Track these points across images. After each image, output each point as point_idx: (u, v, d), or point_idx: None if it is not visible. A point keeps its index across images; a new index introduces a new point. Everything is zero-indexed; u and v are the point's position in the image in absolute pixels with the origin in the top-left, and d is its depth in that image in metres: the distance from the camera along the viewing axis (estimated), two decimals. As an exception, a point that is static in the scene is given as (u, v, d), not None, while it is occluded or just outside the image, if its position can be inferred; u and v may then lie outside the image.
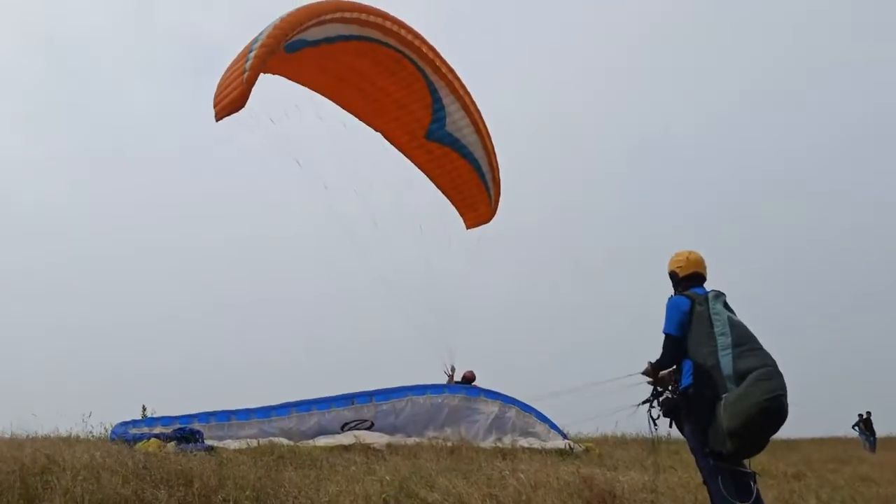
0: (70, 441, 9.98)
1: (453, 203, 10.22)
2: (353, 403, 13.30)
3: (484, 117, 9.72)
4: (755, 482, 4.81)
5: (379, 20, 9.01)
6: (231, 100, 7.65)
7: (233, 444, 10.14)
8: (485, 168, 9.67)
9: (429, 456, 9.68)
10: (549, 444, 12.49)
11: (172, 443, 9.25)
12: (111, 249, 62.74)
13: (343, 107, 9.79)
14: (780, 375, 4.64)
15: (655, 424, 5.36)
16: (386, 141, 10.02)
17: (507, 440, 12.94)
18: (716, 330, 4.88)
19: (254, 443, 10.03)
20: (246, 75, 7.36)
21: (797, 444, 21.57)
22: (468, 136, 9.40)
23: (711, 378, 4.77)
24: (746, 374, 4.60)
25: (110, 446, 8.56)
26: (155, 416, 12.14)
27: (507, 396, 14.51)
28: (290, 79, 9.50)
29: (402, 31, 9.21)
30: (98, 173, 70.56)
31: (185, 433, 9.87)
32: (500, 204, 11.00)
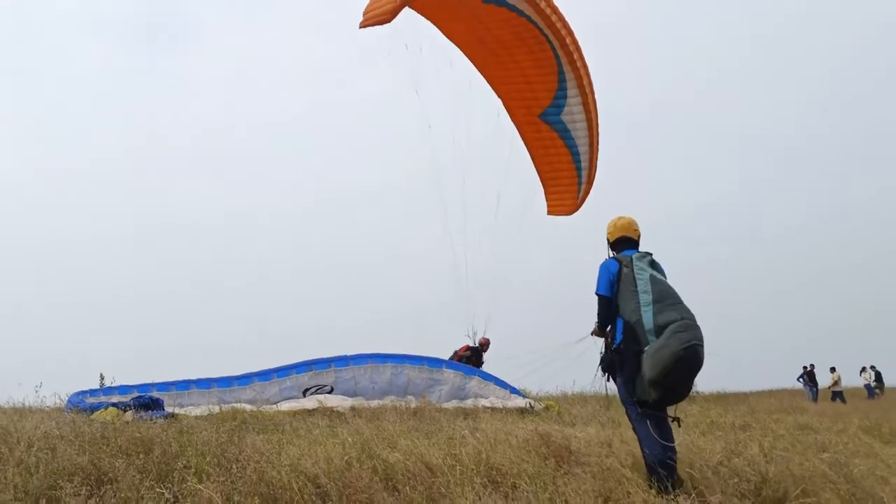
0: (22, 412, 9.77)
1: (543, 184, 10.47)
2: (311, 370, 13.34)
3: (599, 120, 9.96)
4: (680, 426, 5.21)
5: None
6: (382, 12, 7.82)
7: (194, 411, 10.08)
8: (584, 163, 9.96)
9: (392, 417, 9.81)
10: (510, 404, 12.79)
11: (131, 411, 9.12)
12: (65, 219, 60.87)
13: (475, 63, 9.85)
14: (696, 328, 4.93)
15: (608, 381, 5.61)
16: (503, 108, 10.17)
17: (468, 402, 13.19)
18: (639, 288, 5.19)
19: (216, 409, 9.99)
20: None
21: (746, 397, 22.61)
22: (579, 130, 9.71)
23: (636, 333, 5.10)
24: (665, 328, 4.89)
25: (66, 416, 8.43)
26: (113, 385, 11.97)
27: (468, 367, 14.76)
28: (434, 23, 9.61)
29: (553, 17, 9.41)
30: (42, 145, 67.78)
31: (145, 401, 9.73)
32: (585, 202, 11.02)
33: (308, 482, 4.83)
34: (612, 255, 5.77)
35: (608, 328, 5.55)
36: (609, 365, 5.47)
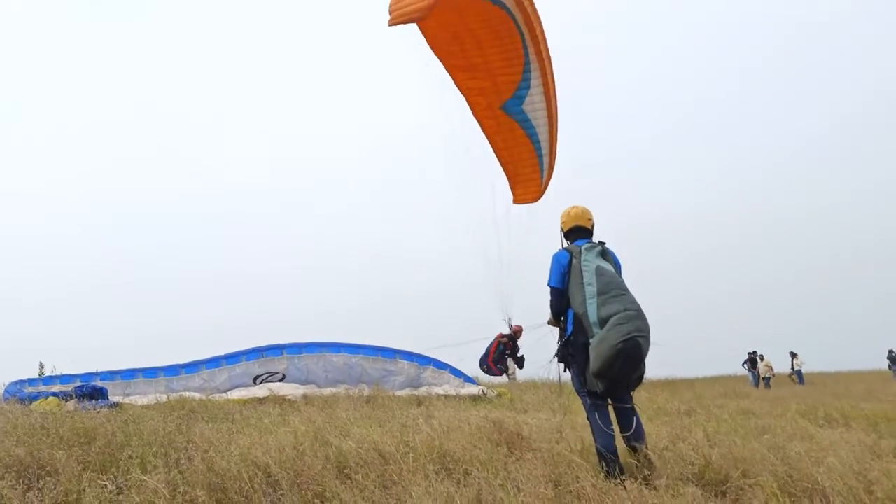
0: (-44, 403, 9.33)
1: (507, 175, 10.56)
2: (263, 357, 13.13)
3: (559, 106, 9.98)
4: (635, 414, 5.26)
5: None
6: (415, 9, 7.55)
7: (140, 401, 9.81)
8: (544, 152, 10.07)
9: (345, 405, 9.75)
10: (464, 391, 12.87)
11: (73, 401, 8.82)
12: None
13: (443, 59, 9.60)
14: (638, 318, 4.96)
15: (566, 370, 5.67)
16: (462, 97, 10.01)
17: (422, 390, 13.19)
18: (584, 280, 5.24)
19: (163, 398, 9.74)
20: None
21: (693, 384, 23.31)
22: (539, 120, 9.78)
23: (583, 325, 5.16)
24: (608, 319, 4.96)
25: (2, 406, 8.09)
26: (54, 374, 11.54)
27: (423, 357, 14.70)
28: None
29: (530, 9, 9.32)
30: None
31: (88, 391, 9.43)
32: (548, 188, 11.11)
33: (258, 471, 4.75)
34: (564, 246, 5.78)
35: (561, 319, 5.61)
36: (562, 356, 5.55)
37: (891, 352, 31.14)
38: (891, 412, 9.36)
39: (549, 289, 5.59)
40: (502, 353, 10.78)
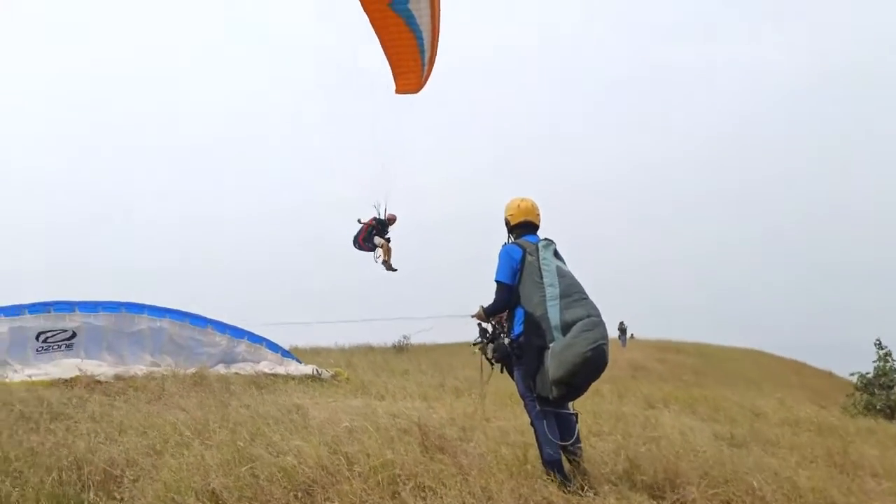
0: None
1: (391, 66, 11.49)
2: (50, 311, 11.08)
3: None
4: (577, 422, 5.31)
5: None
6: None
7: None
8: (426, 47, 11.09)
9: (175, 389, 8.64)
10: (293, 370, 12.17)
11: None
12: None
13: None
14: (602, 324, 4.86)
15: (492, 364, 5.55)
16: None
17: (239, 368, 12.17)
18: (545, 280, 5.02)
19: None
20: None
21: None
22: (423, 18, 10.76)
23: (540, 327, 4.92)
24: (573, 325, 4.79)
25: None
26: None
27: (236, 328, 13.50)
28: None
29: None
30: None
31: None
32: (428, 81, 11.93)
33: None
34: (512, 241, 5.49)
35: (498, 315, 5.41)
36: (505, 355, 5.31)
37: (621, 323, 38.37)
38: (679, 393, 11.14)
39: (495, 283, 5.28)
40: (370, 234, 11.51)
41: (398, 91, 11.71)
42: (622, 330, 38.61)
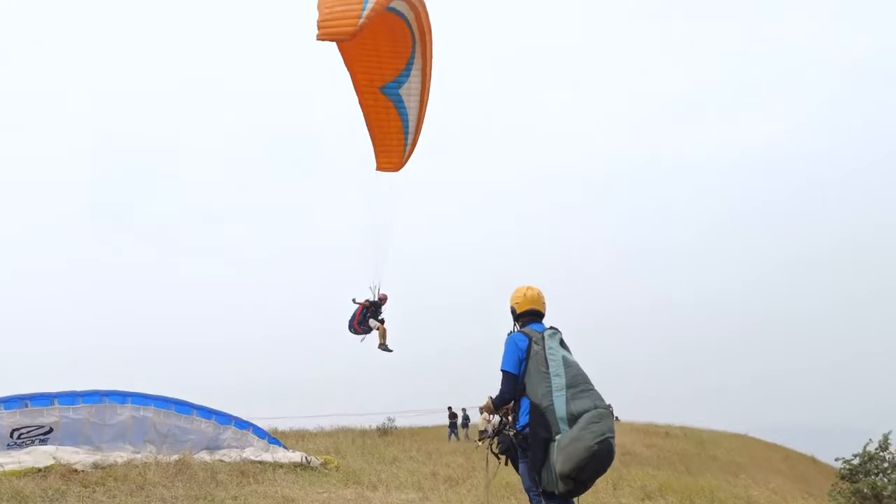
0: None
1: (374, 145, 12.04)
2: (27, 406, 10.63)
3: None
4: None
5: None
6: (341, 33, 8.22)
7: None
8: (411, 131, 11.76)
9: (160, 480, 8.28)
10: (280, 457, 11.76)
11: None
12: None
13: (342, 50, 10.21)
14: (609, 417, 4.79)
15: (498, 458, 5.40)
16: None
17: (224, 454, 11.74)
18: (551, 370, 4.93)
19: None
20: (361, 22, 8.09)
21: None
22: (412, 104, 11.38)
23: (545, 419, 4.80)
24: (579, 416, 4.69)
25: None
26: None
27: (221, 414, 13.09)
28: None
29: (424, 19, 10.28)
30: None
31: None
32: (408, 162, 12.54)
33: None
34: (518, 329, 5.44)
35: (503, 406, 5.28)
36: (510, 446, 5.19)
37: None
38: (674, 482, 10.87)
39: (501, 373, 5.18)
40: (365, 316, 11.71)
41: (379, 168, 12.31)
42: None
